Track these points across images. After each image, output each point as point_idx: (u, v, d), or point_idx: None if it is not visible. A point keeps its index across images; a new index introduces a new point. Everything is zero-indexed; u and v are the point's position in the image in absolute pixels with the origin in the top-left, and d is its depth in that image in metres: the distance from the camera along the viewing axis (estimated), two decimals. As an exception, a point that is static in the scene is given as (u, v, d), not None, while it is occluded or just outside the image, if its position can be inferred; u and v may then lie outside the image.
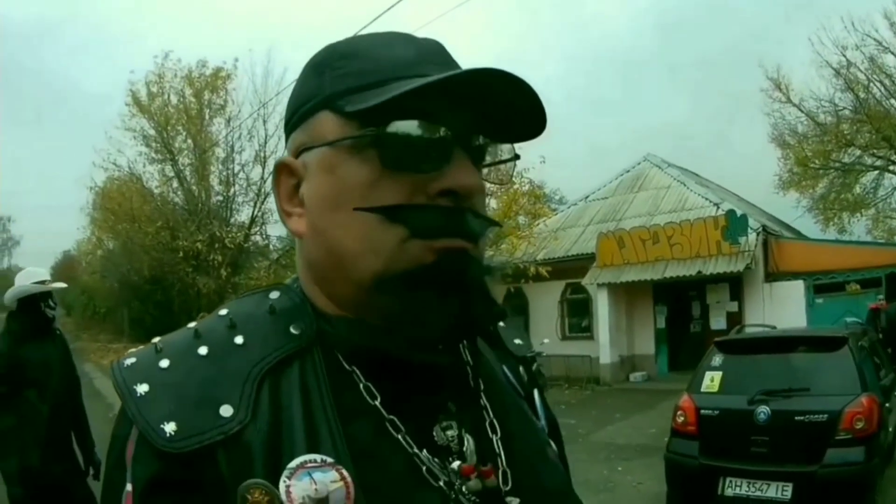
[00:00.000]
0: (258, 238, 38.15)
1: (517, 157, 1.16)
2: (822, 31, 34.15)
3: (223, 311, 1.12)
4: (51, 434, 5.93)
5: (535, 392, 1.38)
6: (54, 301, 6.18)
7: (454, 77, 0.97)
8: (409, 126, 1.00)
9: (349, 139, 1.02)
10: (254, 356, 1.02)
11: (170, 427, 0.93)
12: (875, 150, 32.12)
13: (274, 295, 1.14)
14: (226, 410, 0.96)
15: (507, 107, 1.04)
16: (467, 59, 1.11)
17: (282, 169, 1.12)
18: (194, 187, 36.03)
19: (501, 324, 1.34)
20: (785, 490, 7.05)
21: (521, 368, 1.37)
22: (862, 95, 30.85)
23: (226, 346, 1.03)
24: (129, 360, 1.05)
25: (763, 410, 7.36)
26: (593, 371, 24.06)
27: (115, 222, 37.65)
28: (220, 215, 35.65)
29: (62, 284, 6.84)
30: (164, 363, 1.01)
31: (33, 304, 6.01)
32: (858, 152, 32.58)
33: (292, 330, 1.07)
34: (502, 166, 1.16)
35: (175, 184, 36.68)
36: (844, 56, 30.48)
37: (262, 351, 1.03)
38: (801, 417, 7.17)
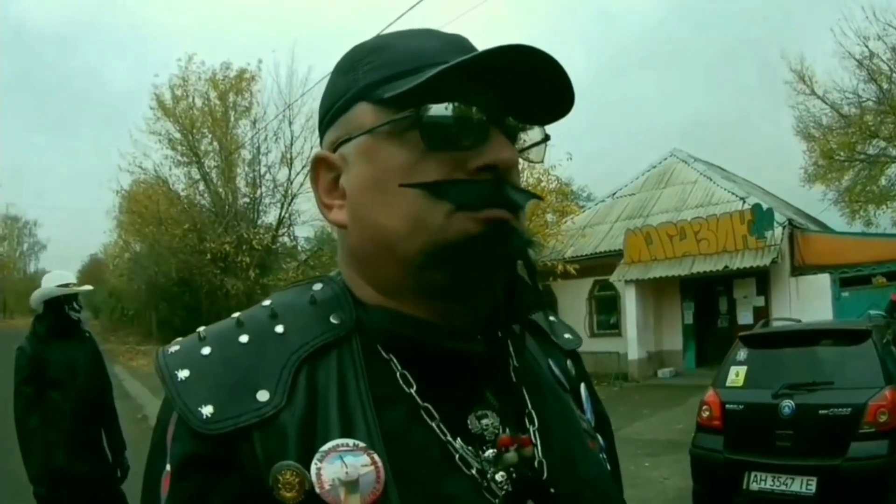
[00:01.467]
0: (286, 239, 38.13)
1: (548, 137, 1.18)
2: (844, 22, 33.87)
3: (266, 302, 1.16)
4: (76, 434, 5.98)
5: (582, 386, 1.40)
6: (79, 304, 6.23)
7: (486, 53, 1.00)
8: (446, 107, 1.03)
9: (389, 123, 1.06)
10: (293, 344, 1.06)
11: (207, 410, 0.98)
12: (900, 141, 31.81)
13: (317, 287, 1.18)
14: (262, 395, 0.99)
15: (536, 84, 1.07)
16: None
17: (319, 163, 1.16)
18: (221, 189, 35.99)
19: (552, 318, 1.40)
20: (809, 484, 7.03)
21: (568, 362, 1.40)
22: (885, 86, 30.44)
23: (266, 335, 1.07)
24: (174, 348, 1.09)
25: (787, 404, 7.34)
26: (621, 367, 23.99)
27: (141, 225, 37.70)
28: (248, 217, 35.58)
29: (87, 287, 6.87)
30: (206, 350, 1.05)
31: (58, 307, 6.07)
32: (883, 143, 32.14)
33: (332, 319, 1.10)
34: (536, 147, 1.18)
35: (201, 186, 36.65)
36: (867, 46, 30.05)
37: (301, 339, 1.06)
38: (825, 411, 7.14)
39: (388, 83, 1.07)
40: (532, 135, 1.17)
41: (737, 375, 8.22)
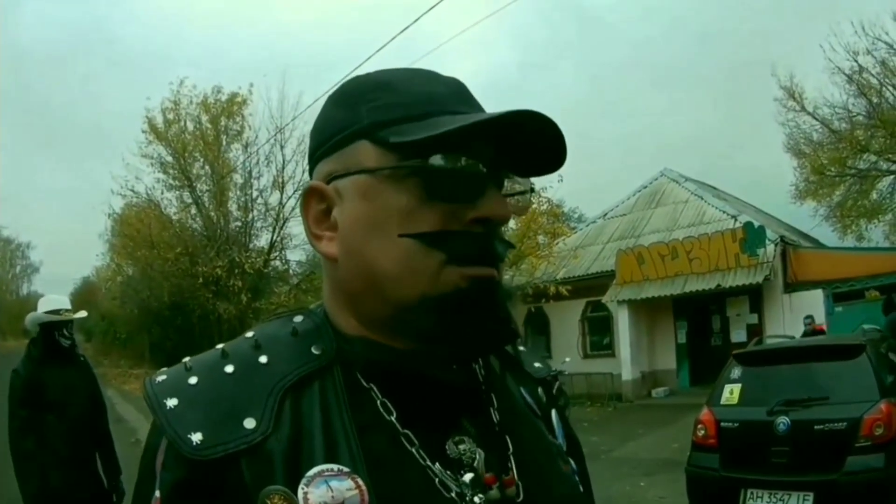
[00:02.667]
0: (278, 263, 38.28)
1: (533, 189, 1.24)
2: (833, 37, 33.98)
3: (249, 334, 1.18)
4: (71, 457, 5.98)
5: (553, 412, 1.42)
6: (69, 330, 6.22)
7: (498, 118, 1.02)
8: (451, 160, 1.06)
9: (394, 168, 1.07)
10: (277, 373, 1.08)
11: (196, 437, 0.99)
12: (890, 155, 31.72)
13: (297, 319, 1.20)
14: (249, 423, 1.02)
15: (533, 143, 1.11)
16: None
17: (312, 193, 1.17)
18: (213, 213, 36.13)
19: (522, 348, 1.39)
20: (806, 499, 7.03)
21: (539, 390, 1.41)
22: (875, 100, 30.58)
23: (251, 365, 1.09)
24: (161, 378, 1.12)
25: (783, 421, 7.35)
26: (615, 388, 24.03)
27: (133, 249, 37.71)
28: (240, 241, 35.74)
29: (82, 314, 6.85)
30: (193, 380, 1.08)
31: (49, 332, 6.08)
32: (874, 158, 32.27)
33: (313, 350, 1.12)
34: (520, 197, 1.22)
35: (193, 210, 36.78)
36: (856, 61, 30.23)
37: (284, 369, 1.09)
38: (821, 426, 7.15)
39: (394, 126, 1.08)
40: (519, 183, 1.22)
41: (731, 393, 8.25)
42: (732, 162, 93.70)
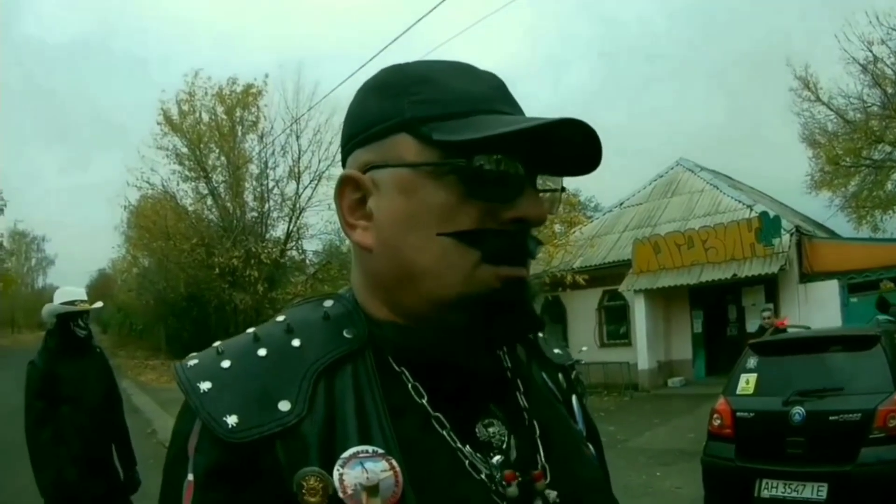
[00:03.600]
0: (294, 253, 38.32)
1: (564, 189, 1.24)
2: (848, 27, 33.72)
3: (280, 318, 1.19)
4: (87, 450, 6.00)
5: (574, 398, 1.44)
6: (84, 321, 6.21)
7: (543, 125, 1.03)
8: (492, 160, 1.07)
9: (436, 165, 1.08)
10: (310, 357, 1.09)
11: (232, 419, 1.01)
12: (905, 146, 31.75)
13: (328, 303, 1.21)
14: (284, 405, 1.03)
15: (569, 146, 1.11)
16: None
17: (347, 182, 1.17)
18: (229, 204, 36.17)
19: (542, 335, 1.42)
20: (820, 490, 7.01)
21: (560, 376, 1.44)
22: (890, 91, 30.36)
23: (284, 348, 1.11)
24: (192, 362, 1.12)
25: (798, 411, 7.32)
26: (632, 377, 24.02)
27: (149, 240, 37.85)
28: (256, 231, 35.74)
29: (98, 304, 6.84)
30: (226, 363, 1.09)
31: (64, 323, 6.09)
32: (889, 148, 32.02)
33: (345, 334, 1.14)
34: (551, 195, 1.23)
35: (209, 201, 36.85)
36: (871, 51, 30.01)
37: (317, 352, 1.10)
38: (836, 417, 7.12)
39: (436, 122, 1.09)
40: (547, 182, 1.22)
41: (747, 383, 8.22)
42: (747, 152, 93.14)
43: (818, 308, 20.10)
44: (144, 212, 37.92)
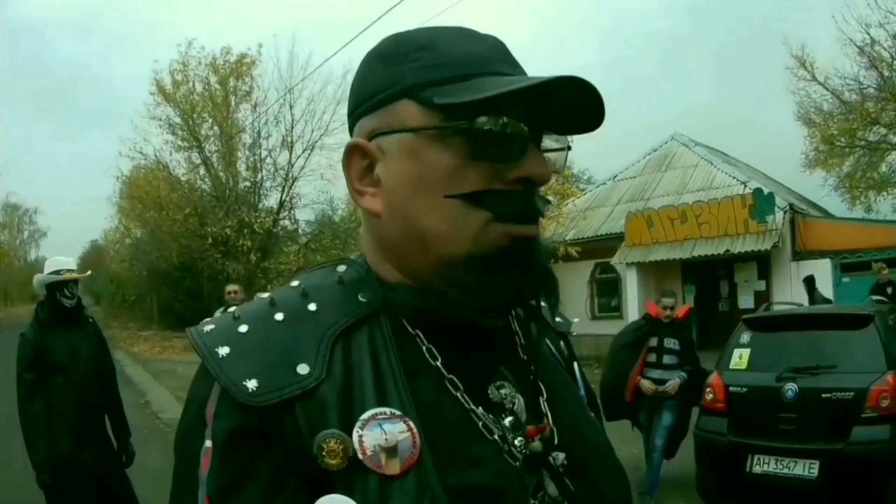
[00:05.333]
0: (287, 222, 38.41)
1: (570, 147, 1.26)
2: (846, 9, 33.73)
3: (295, 283, 1.20)
4: (80, 422, 6.05)
5: (575, 364, 1.50)
6: (71, 291, 6.21)
7: (542, 83, 1.04)
8: (495, 121, 1.08)
9: (439, 129, 1.10)
10: (326, 321, 1.11)
11: (252, 383, 1.01)
12: (900, 129, 31.82)
13: (341, 268, 1.23)
14: (302, 368, 1.04)
15: (572, 103, 1.12)
16: (501, 37, 1.19)
17: (354, 150, 1.18)
18: (221, 174, 36.27)
19: (545, 303, 1.40)
20: (812, 468, 7.02)
21: (561, 343, 1.48)
22: (886, 73, 30.50)
23: (300, 313, 1.12)
24: (209, 327, 1.13)
25: (791, 388, 7.31)
26: (623, 350, 23.81)
27: (142, 211, 38.02)
28: (248, 201, 35.85)
29: (85, 273, 6.84)
30: (243, 328, 1.09)
31: (53, 293, 6.12)
32: (884, 130, 32.16)
33: (360, 298, 1.15)
34: (558, 154, 1.25)
35: (202, 171, 37.02)
36: (868, 34, 30.10)
37: (333, 316, 1.11)
38: (828, 395, 7.12)
39: (438, 86, 1.10)
40: (552, 142, 1.23)
41: (740, 358, 8.22)
42: (742, 129, 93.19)
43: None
44: (137, 182, 38.07)
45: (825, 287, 20.04)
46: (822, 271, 20.95)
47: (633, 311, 24.25)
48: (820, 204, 32.66)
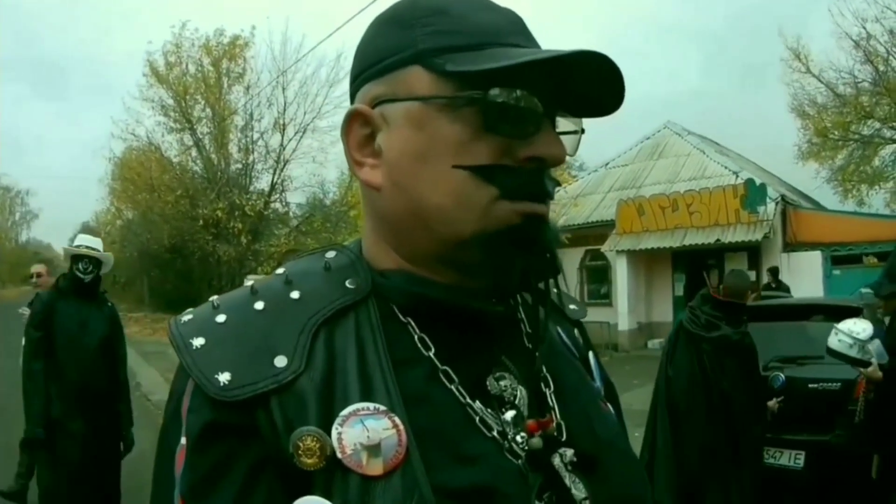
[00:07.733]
0: (278, 205, 38.26)
1: (583, 130, 1.20)
2: (843, 2, 33.71)
3: (280, 271, 1.15)
4: (76, 391, 6.25)
5: (591, 354, 1.42)
6: (84, 266, 6.46)
7: (563, 56, 0.99)
8: (509, 94, 1.03)
9: (451, 98, 1.04)
10: (309, 309, 1.05)
11: (224, 377, 0.96)
12: (894, 124, 31.77)
13: (330, 254, 1.18)
14: (280, 361, 0.99)
15: (591, 84, 1.07)
16: None
17: (355, 117, 1.12)
18: (213, 155, 36.19)
19: (557, 290, 1.34)
20: (798, 458, 7.04)
21: (576, 332, 1.42)
22: (881, 68, 30.43)
23: (281, 301, 1.07)
24: (187, 317, 1.08)
25: (778, 377, 7.34)
26: (612, 338, 24.07)
27: (134, 192, 37.93)
28: (240, 183, 35.76)
29: (106, 255, 6.92)
30: (221, 318, 1.05)
31: (72, 266, 6.46)
32: (878, 125, 32.16)
33: (348, 284, 1.10)
34: (571, 136, 1.18)
35: (194, 152, 36.88)
36: (864, 28, 30.02)
37: (317, 304, 1.06)
38: (815, 385, 7.14)
39: (450, 53, 1.05)
40: (566, 124, 1.17)
41: (728, 348, 8.22)
42: (735, 119, 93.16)
43: (800, 278, 20.10)
44: (129, 164, 37.95)
45: (815, 279, 20.10)
46: (813, 263, 21.01)
47: (622, 299, 24.34)
48: (812, 196, 32.69)
